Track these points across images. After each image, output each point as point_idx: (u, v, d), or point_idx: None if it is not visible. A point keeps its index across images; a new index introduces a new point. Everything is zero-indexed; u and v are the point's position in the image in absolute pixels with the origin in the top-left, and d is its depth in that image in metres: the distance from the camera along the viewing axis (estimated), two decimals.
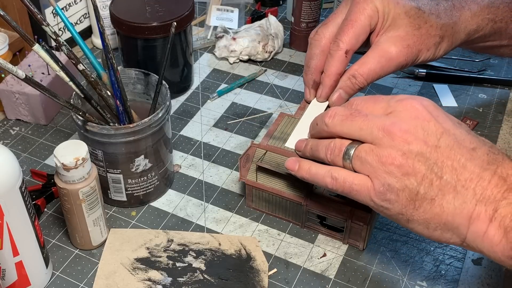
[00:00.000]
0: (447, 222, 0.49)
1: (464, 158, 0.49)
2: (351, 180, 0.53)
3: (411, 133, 0.50)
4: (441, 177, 0.49)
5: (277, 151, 0.66)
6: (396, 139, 0.50)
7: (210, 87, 0.90)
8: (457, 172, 0.49)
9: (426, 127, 0.50)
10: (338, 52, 0.64)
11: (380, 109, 0.54)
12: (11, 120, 0.83)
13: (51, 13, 0.91)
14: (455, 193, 0.49)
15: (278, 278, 0.63)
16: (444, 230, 0.50)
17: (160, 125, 0.65)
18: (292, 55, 0.98)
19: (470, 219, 0.48)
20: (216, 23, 1.00)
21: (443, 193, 0.49)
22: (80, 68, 0.62)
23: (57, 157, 0.57)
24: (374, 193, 0.51)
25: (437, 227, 0.50)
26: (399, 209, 0.51)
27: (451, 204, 0.49)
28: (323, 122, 0.56)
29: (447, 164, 0.49)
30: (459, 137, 0.50)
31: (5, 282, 0.57)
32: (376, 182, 0.51)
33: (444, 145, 0.50)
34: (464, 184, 0.48)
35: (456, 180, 0.49)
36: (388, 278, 0.63)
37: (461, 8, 0.68)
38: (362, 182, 0.52)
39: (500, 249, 0.47)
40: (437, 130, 0.50)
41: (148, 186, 0.69)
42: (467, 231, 0.49)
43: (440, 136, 0.50)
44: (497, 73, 0.93)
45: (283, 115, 0.71)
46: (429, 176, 0.49)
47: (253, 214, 0.70)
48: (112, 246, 0.65)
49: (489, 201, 0.48)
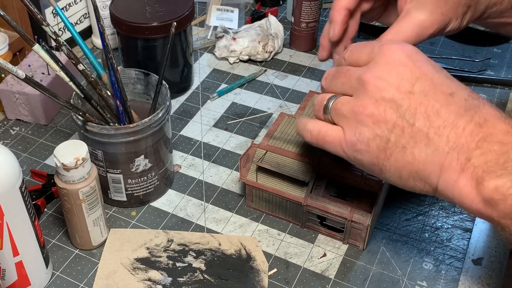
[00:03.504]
0: (418, 171, 0.48)
1: (439, 104, 0.47)
2: (324, 132, 0.53)
3: (384, 79, 0.48)
4: (413, 125, 0.47)
5: (277, 151, 0.66)
6: (369, 86, 0.49)
7: (210, 87, 0.90)
8: (430, 119, 0.47)
9: (401, 72, 0.48)
10: None
11: (365, 54, 0.52)
12: (11, 120, 0.83)
13: (51, 13, 0.91)
14: (427, 141, 0.47)
15: (278, 278, 0.63)
16: (417, 179, 0.49)
17: (160, 125, 0.65)
18: (292, 55, 0.98)
19: (442, 167, 0.47)
20: (216, 23, 1.00)
21: (415, 141, 0.47)
22: (80, 68, 0.62)
23: (57, 157, 0.57)
24: (345, 143, 0.51)
25: (409, 176, 0.49)
26: (371, 159, 0.50)
27: (422, 152, 0.47)
28: (321, 87, 0.57)
29: (420, 110, 0.47)
30: (436, 81, 0.48)
31: (5, 282, 0.57)
32: (348, 132, 0.50)
33: (419, 91, 0.48)
34: (437, 132, 0.47)
35: (428, 127, 0.47)
36: (388, 278, 0.63)
37: None
38: (335, 133, 0.52)
39: (470, 200, 0.46)
40: (412, 75, 0.48)
41: (148, 186, 0.69)
42: (438, 179, 0.47)
43: (415, 82, 0.48)
44: (497, 73, 0.93)
45: (283, 115, 0.71)
46: (400, 124, 0.48)
47: (253, 214, 0.70)
48: (112, 246, 0.65)
49: (462, 149, 0.46)
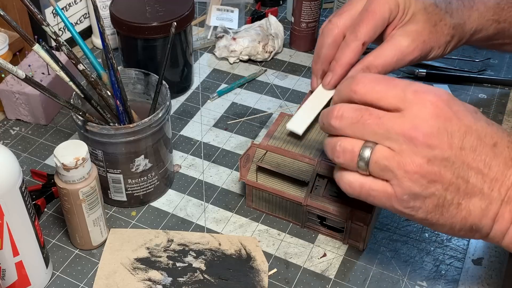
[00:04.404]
0: (473, 224, 0.49)
1: (489, 158, 0.48)
2: (368, 186, 0.50)
3: (435, 137, 0.47)
4: (467, 181, 0.47)
5: (277, 151, 0.66)
6: (419, 144, 0.46)
7: (210, 87, 0.90)
8: (483, 174, 0.47)
9: (449, 128, 0.47)
10: (356, 42, 0.62)
11: (393, 98, 0.49)
12: (11, 120, 0.83)
13: (51, 13, 0.91)
14: (481, 195, 0.48)
15: (278, 278, 0.63)
16: (469, 230, 0.50)
17: (160, 125, 0.65)
18: (292, 55, 0.98)
19: (495, 219, 0.48)
20: (216, 23, 1.00)
21: (470, 196, 0.48)
22: (80, 68, 0.62)
23: (57, 157, 0.57)
24: (397, 200, 0.49)
25: (462, 228, 0.49)
26: (424, 215, 0.49)
27: (477, 208, 0.48)
28: (330, 125, 0.51)
29: (472, 166, 0.47)
30: (481, 133, 0.48)
31: (5, 282, 0.57)
32: (399, 190, 0.48)
33: (468, 146, 0.47)
34: (490, 186, 0.48)
35: (482, 182, 0.47)
36: (388, 278, 0.63)
37: (470, 8, 0.68)
38: (382, 189, 0.49)
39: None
40: (459, 129, 0.47)
41: (148, 186, 0.69)
42: (491, 230, 0.49)
43: (463, 137, 0.47)
44: (497, 73, 0.93)
45: (283, 115, 0.71)
46: (455, 182, 0.47)
47: (253, 214, 0.70)
48: (112, 246, 0.65)
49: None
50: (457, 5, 0.67)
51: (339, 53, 0.63)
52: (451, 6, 0.66)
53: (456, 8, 0.67)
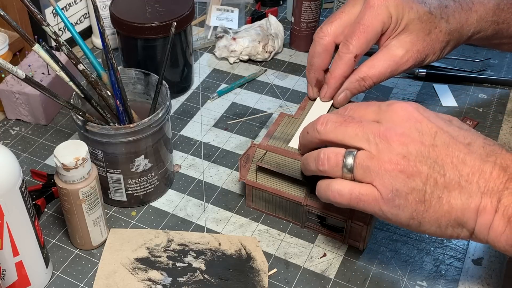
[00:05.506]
0: (456, 218, 0.50)
1: (463, 153, 0.50)
2: (357, 192, 0.52)
3: (407, 135, 0.50)
4: (444, 175, 0.49)
5: (277, 151, 0.66)
6: (393, 143, 0.50)
7: (210, 87, 0.90)
8: (458, 168, 0.49)
9: (419, 128, 0.51)
10: (348, 55, 0.64)
11: (372, 112, 0.54)
12: (11, 120, 0.83)
13: (51, 13, 0.91)
14: (460, 189, 0.49)
15: (278, 278, 0.63)
16: (455, 226, 0.51)
17: (160, 125, 0.65)
18: (292, 55, 0.98)
19: (477, 212, 0.49)
20: (216, 23, 1.00)
21: (449, 190, 0.49)
22: (80, 68, 0.62)
23: (57, 157, 0.57)
24: (383, 201, 0.51)
25: (448, 224, 0.50)
26: (409, 213, 0.51)
27: (458, 200, 0.49)
28: (314, 130, 0.56)
29: (446, 161, 0.50)
30: (453, 133, 0.51)
31: (5, 282, 0.57)
32: (383, 189, 0.51)
33: (441, 143, 0.50)
34: (467, 179, 0.49)
35: (459, 175, 0.49)
36: (388, 278, 0.63)
37: (468, 10, 0.68)
38: (369, 192, 0.52)
39: (504, 238, 0.49)
40: (430, 129, 0.51)
41: (148, 186, 0.69)
42: (475, 224, 0.50)
43: (434, 135, 0.51)
44: (497, 73, 0.93)
45: (283, 115, 0.71)
46: (432, 175, 0.49)
47: (253, 214, 0.70)
48: (112, 246, 0.65)
49: (493, 192, 0.48)
50: (454, 8, 0.67)
51: (333, 66, 0.66)
52: (447, 11, 0.66)
53: (453, 11, 0.67)
